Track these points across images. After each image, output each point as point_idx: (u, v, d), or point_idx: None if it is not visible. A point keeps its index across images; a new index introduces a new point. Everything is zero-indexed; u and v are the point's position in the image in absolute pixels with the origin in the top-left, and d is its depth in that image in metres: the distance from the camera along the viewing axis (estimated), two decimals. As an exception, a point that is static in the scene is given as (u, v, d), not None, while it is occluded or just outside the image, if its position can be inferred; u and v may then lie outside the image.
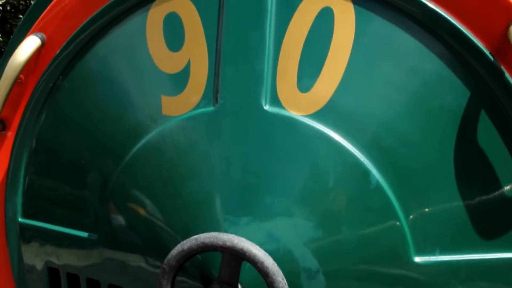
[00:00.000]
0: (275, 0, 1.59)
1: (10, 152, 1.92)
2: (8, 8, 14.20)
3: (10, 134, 1.97)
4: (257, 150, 1.53)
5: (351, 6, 1.57)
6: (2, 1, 13.80)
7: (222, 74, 1.58)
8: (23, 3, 14.60)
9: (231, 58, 1.58)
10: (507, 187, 1.54)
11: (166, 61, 1.66)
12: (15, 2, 14.35)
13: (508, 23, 1.54)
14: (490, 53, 1.55)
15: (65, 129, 1.84)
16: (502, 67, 1.55)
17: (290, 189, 1.51)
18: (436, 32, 1.56)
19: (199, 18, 1.65)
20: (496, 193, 1.54)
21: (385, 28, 1.57)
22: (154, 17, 1.71)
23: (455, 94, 1.56)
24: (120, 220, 1.68)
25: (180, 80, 1.63)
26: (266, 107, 1.54)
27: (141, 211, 1.64)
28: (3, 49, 14.69)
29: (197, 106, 1.59)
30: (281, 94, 1.54)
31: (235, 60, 1.58)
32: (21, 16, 14.69)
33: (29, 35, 1.90)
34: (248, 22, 1.59)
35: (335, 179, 1.52)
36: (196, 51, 1.63)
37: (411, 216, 1.52)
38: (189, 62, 1.63)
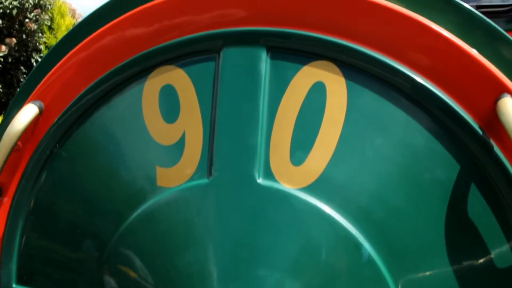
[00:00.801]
0: (269, 75, 1.63)
1: (6, 218, 1.93)
2: (10, 59, 14.36)
3: (6, 200, 1.98)
4: (250, 223, 1.55)
5: (343, 80, 1.60)
6: (4, 53, 13.96)
7: (216, 147, 1.60)
8: (24, 54, 14.79)
9: (225, 131, 1.61)
10: (498, 261, 1.55)
11: (161, 132, 1.69)
12: (16, 54, 14.54)
13: (496, 97, 1.58)
14: (479, 127, 1.58)
15: (61, 196, 1.86)
16: (491, 141, 1.57)
17: (283, 262, 1.52)
18: (425, 106, 1.59)
19: (194, 91, 1.68)
20: (487, 266, 1.55)
21: (376, 102, 1.60)
22: (150, 88, 1.74)
23: (445, 167, 1.58)
24: (116, 287, 1.69)
25: (174, 151, 1.66)
26: (259, 180, 1.56)
27: (137, 279, 1.65)
28: (3, 100, 14.84)
29: (191, 178, 1.61)
30: (274, 167, 1.57)
31: (229, 133, 1.61)
32: (22, 67, 14.88)
33: (27, 102, 1.93)
34: (242, 96, 1.62)
35: (327, 252, 1.53)
36: (190, 123, 1.66)
37: None
38: (184, 134, 1.66)
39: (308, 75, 1.61)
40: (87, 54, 1.87)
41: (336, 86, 1.60)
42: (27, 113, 1.87)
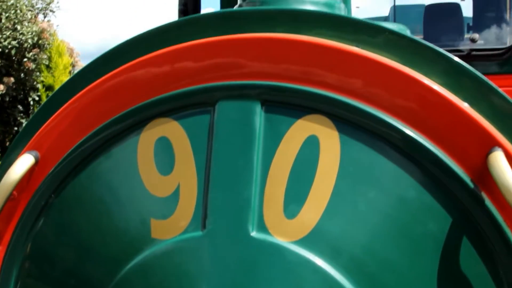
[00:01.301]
0: (263, 128, 1.65)
1: (0, 266, 1.93)
2: (7, 98, 14.43)
3: (1, 248, 1.98)
4: (244, 276, 1.55)
5: (336, 134, 1.63)
6: (2, 92, 14.03)
7: (210, 200, 1.62)
8: (22, 93, 14.85)
9: (220, 184, 1.62)
10: None
11: (156, 184, 1.70)
12: (14, 93, 14.61)
13: (487, 151, 1.60)
14: (471, 180, 1.60)
15: (56, 245, 1.86)
16: (483, 194, 1.59)
17: None
18: (417, 159, 1.61)
19: (189, 143, 1.70)
20: None
21: (368, 156, 1.62)
22: (146, 140, 1.76)
23: (437, 220, 1.59)
24: None
25: (169, 204, 1.67)
26: (253, 234, 1.57)
27: None
28: (0, 138, 14.86)
29: (186, 231, 1.62)
30: (267, 220, 1.58)
31: (223, 186, 1.62)
32: (19, 106, 14.94)
33: (23, 152, 1.95)
34: (236, 149, 1.64)
35: None
36: (185, 176, 1.67)
37: None
38: (178, 186, 1.67)
39: (302, 129, 1.63)
40: (83, 104, 1.90)
41: (330, 140, 1.62)
42: (23, 163, 1.89)
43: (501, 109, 1.68)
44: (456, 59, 1.72)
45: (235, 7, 2.13)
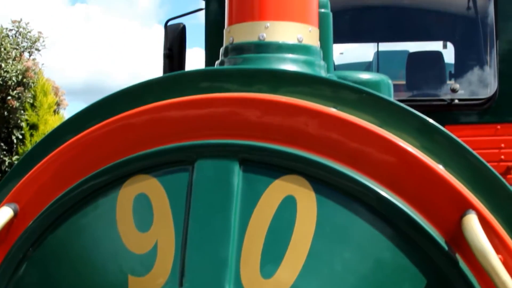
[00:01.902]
0: (241, 187, 1.67)
1: None
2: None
3: (-22, 301, 1.97)
4: None
5: (313, 195, 1.64)
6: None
7: (188, 258, 1.62)
8: (5, 131, 14.80)
9: (197, 242, 1.63)
10: None
11: (134, 241, 1.71)
12: (-4, 131, 14.56)
13: (461, 213, 1.62)
14: (446, 243, 1.62)
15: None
16: (458, 256, 1.61)
17: None
18: (392, 221, 1.63)
19: (167, 201, 1.71)
20: None
21: (345, 217, 1.64)
22: (125, 196, 1.77)
23: (412, 282, 1.61)
24: None
25: (147, 261, 1.67)
26: None
27: None
28: (-19, 173, 14.74)
29: None
30: (244, 280, 1.59)
31: (201, 244, 1.63)
32: (2, 144, 14.87)
33: (2, 205, 1.95)
34: (214, 208, 1.65)
35: None
36: (163, 233, 1.68)
37: None
38: (156, 243, 1.68)
39: (279, 189, 1.65)
40: (64, 158, 1.91)
41: (307, 200, 1.64)
42: (1, 216, 1.89)
43: (475, 170, 1.71)
44: (431, 120, 1.75)
45: (217, 63, 2.16)
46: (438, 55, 6.13)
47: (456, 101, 4.88)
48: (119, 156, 1.81)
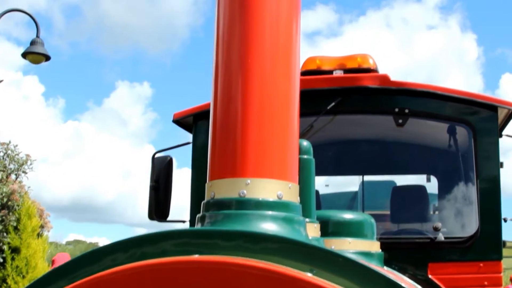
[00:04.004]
0: None
1: None
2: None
3: None
4: None
5: None
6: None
7: None
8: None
9: None
10: None
11: None
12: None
13: None
14: None
15: None
16: None
17: None
18: None
19: None
20: None
21: None
22: None
23: None
24: None
25: None
26: None
27: None
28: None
29: None
30: None
31: None
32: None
33: None
34: None
35: None
36: None
37: None
38: None
39: None
40: None
41: None
42: None
43: None
44: (403, 284, 1.76)
45: (198, 217, 2.17)
46: (421, 190, 6.18)
47: (440, 238, 4.89)
48: None
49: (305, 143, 2.87)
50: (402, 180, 6.98)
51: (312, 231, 2.69)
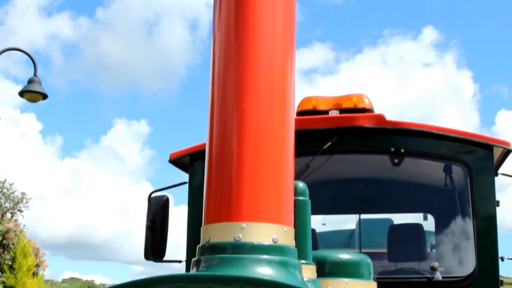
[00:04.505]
0: None
1: None
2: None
3: None
4: None
5: None
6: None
7: None
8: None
9: None
10: None
11: None
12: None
13: None
14: None
15: None
16: None
17: None
18: None
19: None
20: None
21: None
22: None
23: None
24: None
25: None
26: None
27: None
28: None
29: None
30: None
31: None
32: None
33: None
34: None
35: None
36: None
37: None
38: None
39: None
40: None
41: None
42: None
43: None
44: None
45: (193, 261, 2.17)
46: (418, 228, 6.17)
47: (437, 278, 4.87)
48: None
49: (301, 184, 2.87)
50: (400, 218, 6.96)
51: (308, 273, 2.68)
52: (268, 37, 2.20)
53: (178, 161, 5.51)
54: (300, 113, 5.27)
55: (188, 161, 5.37)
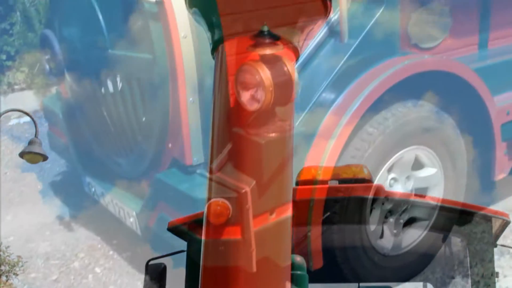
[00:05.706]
0: None
1: None
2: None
3: None
4: None
5: None
6: None
7: None
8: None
9: None
10: None
11: None
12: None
13: None
14: None
15: None
16: None
17: None
18: None
19: None
20: None
21: None
22: None
23: None
24: None
25: None
26: None
27: None
28: None
29: None
30: None
31: None
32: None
33: None
34: None
35: None
36: None
37: None
38: None
39: None
40: None
41: None
42: None
43: None
44: None
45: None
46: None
47: None
48: None
49: (298, 258, 2.86)
50: (399, 288, 6.91)
51: None
52: None
53: (176, 230, 5.49)
54: (299, 183, 5.29)
55: (187, 229, 5.36)
